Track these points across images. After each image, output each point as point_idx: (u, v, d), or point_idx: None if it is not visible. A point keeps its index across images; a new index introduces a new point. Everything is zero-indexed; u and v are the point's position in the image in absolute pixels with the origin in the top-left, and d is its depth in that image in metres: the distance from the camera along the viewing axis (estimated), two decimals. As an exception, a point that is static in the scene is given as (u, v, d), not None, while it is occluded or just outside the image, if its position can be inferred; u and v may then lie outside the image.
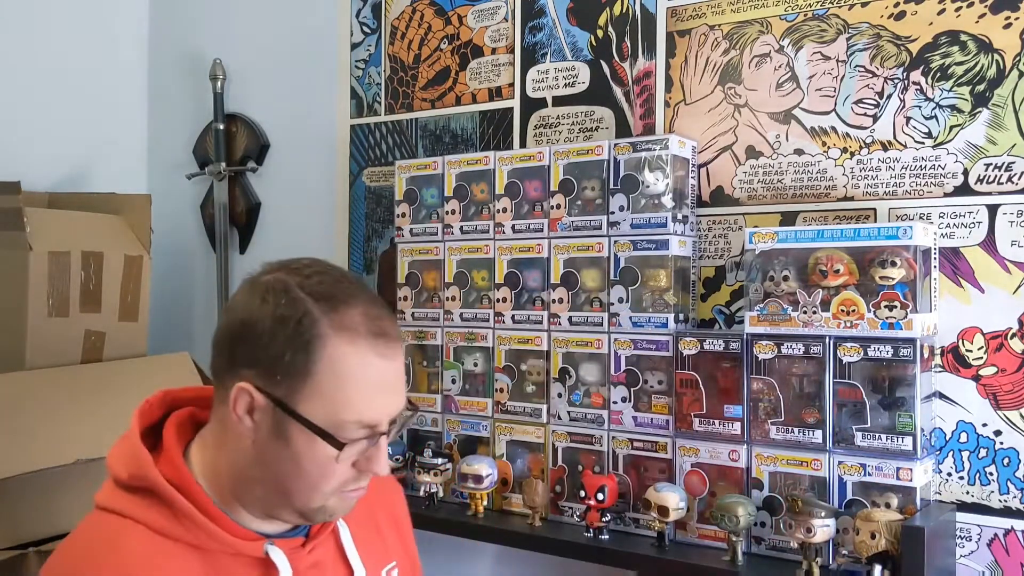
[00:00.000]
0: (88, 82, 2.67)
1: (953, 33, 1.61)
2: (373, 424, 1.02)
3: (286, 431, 1.01)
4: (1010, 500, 1.55)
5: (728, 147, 1.82)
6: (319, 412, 1.00)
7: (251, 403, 1.02)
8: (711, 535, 1.64)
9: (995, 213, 1.58)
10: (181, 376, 2.22)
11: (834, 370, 1.54)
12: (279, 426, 1.01)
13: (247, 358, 1.02)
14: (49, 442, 1.87)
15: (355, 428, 1.01)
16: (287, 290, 1.02)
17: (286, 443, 1.01)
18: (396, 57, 2.30)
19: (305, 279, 1.03)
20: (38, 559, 1.82)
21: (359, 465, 1.03)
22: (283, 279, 1.03)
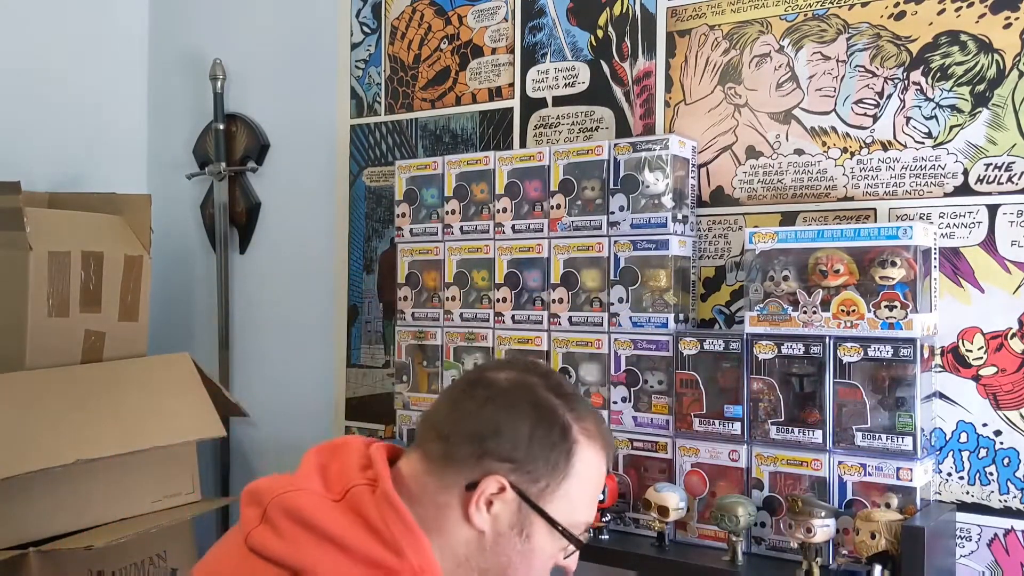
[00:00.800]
0: (88, 82, 2.67)
1: (953, 33, 1.61)
2: (589, 528, 1.13)
3: (530, 527, 1.05)
4: (1010, 500, 1.55)
5: (728, 147, 1.82)
6: (563, 512, 1.07)
7: (495, 497, 1.04)
8: (711, 535, 1.64)
9: (995, 213, 1.58)
10: (181, 376, 2.22)
11: (834, 370, 1.54)
12: (523, 526, 1.05)
13: (500, 454, 1.04)
14: (49, 442, 1.87)
15: (583, 528, 1.10)
16: (535, 391, 1.09)
17: (527, 539, 1.05)
18: (396, 57, 2.30)
19: (545, 380, 1.11)
20: (38, 559, 1.82)
21: (558, 563, 1.11)
22: (528, 380, 1.10)
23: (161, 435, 2.07)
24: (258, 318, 2.57)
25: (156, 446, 2.04)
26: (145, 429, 2.04)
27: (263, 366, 2.54)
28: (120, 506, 2.02)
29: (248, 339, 2.59)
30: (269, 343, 2.53)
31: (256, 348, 2.57)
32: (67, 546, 1.85)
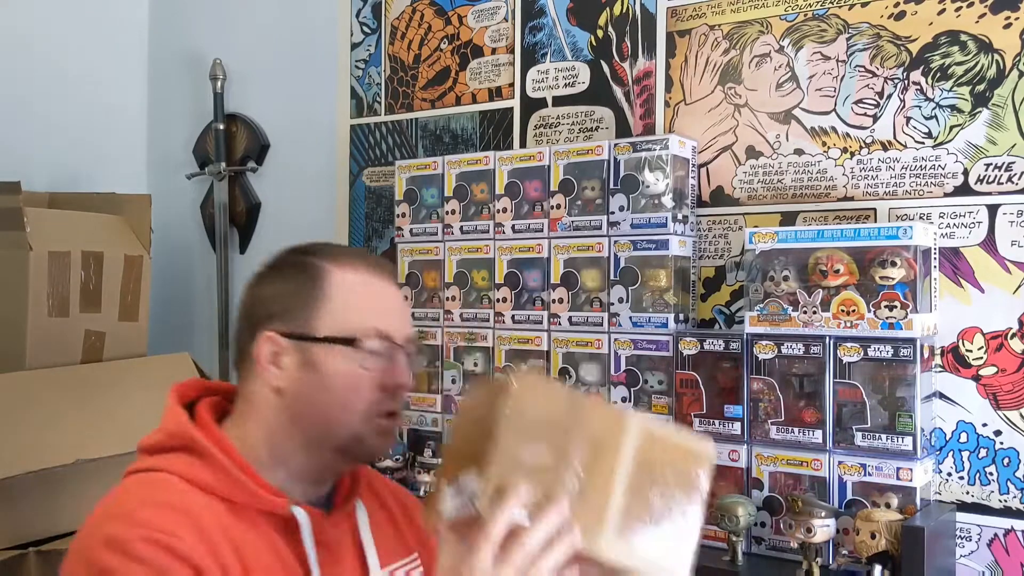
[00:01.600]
0: (88, 82, 2.67)
1: (953, 33, 1.61)
2: (386, 334, 1.09)
3: (312, 359, 1.08)
4: (1010, 500, 1.55)
5: (728, 147, 1.82)
6: (337, 327, 1.08)
7: (276, 351, 1.08)
8: (711, 535, 1.64)
9: (995, 213, 1.58)
10: (181, 376, 2.21)
11: (834, 370, 1.54)
12: (305, 359, 1.08)
13: (264, 316, 1.10)
14: (49, 442, 1.87)
15: (370, 336, 1.08)
16: (290, 254, 1.14)
17: (315, 370, 1.07)
18: (396, 57, 2.30)
19: (307, 248, 1.15)
20: (38, 559, 1.82)
21: (385, 382, 1.08)
22: (291, 255, 1.15)
23: (161, 435, 2.06)
24: (258, 318, 2.57)
25: (156, 446, 2.04)
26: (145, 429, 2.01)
27: (263, 366, 2.54)
28: (120, 506, 2.02)
29: (248, 339, 2.59)
30: (269, 343, 2.53)
31: (256, 348, 2.57)
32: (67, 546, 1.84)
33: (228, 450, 1.07)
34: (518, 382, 0.87)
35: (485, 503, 0.85)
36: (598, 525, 0.88)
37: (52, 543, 1.86)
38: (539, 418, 0.89)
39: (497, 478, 0.85)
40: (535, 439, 0.88)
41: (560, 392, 0.92)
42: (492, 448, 0.85)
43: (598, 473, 0.90)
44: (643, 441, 0.94)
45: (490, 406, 0.87)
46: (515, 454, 0.86)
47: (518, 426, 0.86)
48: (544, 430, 0.89)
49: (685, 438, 1.00)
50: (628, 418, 0.94)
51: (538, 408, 0.88)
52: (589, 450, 0.90)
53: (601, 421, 0.92)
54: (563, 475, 0.88)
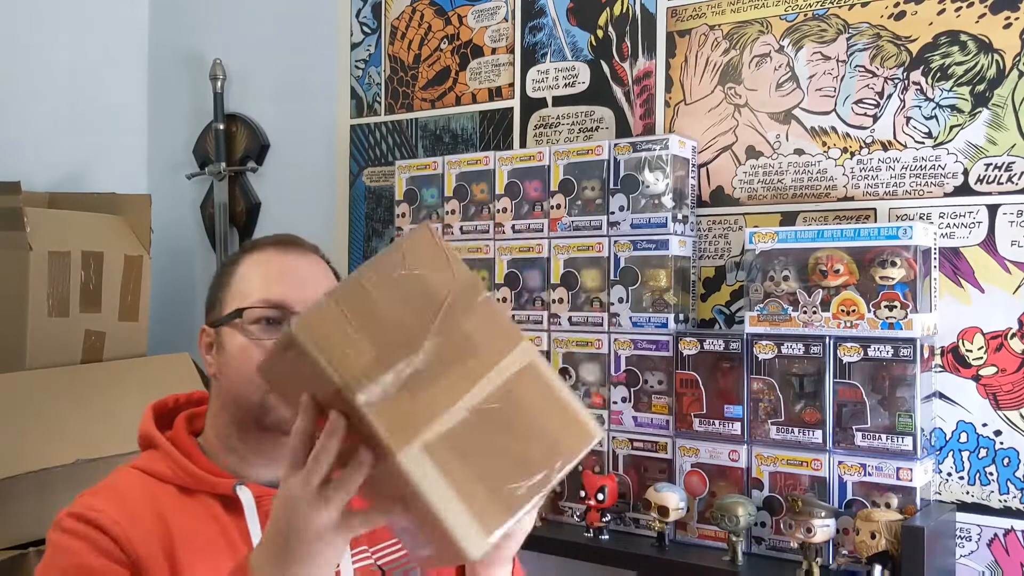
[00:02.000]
0: (88, 82, 2.67)
1: (953, 33, 1.61)
2: (275, 302, 1.13)
3: (221, 340, 1.15)
4: (1010, 500, 1.55)
5: (728, 147, 1.82)
6: (232, 305, 1.15)
7: (208, 341, 1.18)
8: (711, 535, 1.64)
9: (995, 213, 1.58)
10: (181, 376, 2.22)
11: (834, 370, 1.54)
12: (218, 342, 1.16)
13: (205, 312, 1.21)
14: (49, 442, 1.87)
15: (257, 305, 1.13)
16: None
17: (223, 350, 1.15)
18: (396, 57, 2.30)
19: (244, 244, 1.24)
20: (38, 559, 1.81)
21: None
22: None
23: (161, 435, 2.07)
24: (258, 318, 2.57)
25: (156, 446, 2.04)
26: (145, 429, 2.04)
27: (263, 366, 2.54)
28: (120, 506, 2.02)
29: (248, 339, 2.59)
30: (269, 343, 2.53)
31: (256, 348, 2.57)
32: (67, 546, 1.84)
33: (180, 443, 1.16)
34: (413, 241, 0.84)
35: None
36: (412, 428, 0.78)
37: (52, 543, 1.86)
38: (418, 289, 0.83)
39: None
40: (405, 305, 0.82)
41: (450, 269, 0.85)
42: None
43: (452, 375, 0.81)
44: (524, 375, 0.84)
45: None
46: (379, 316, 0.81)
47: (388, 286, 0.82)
48: (420, 300, 0.82)
49: (573, 400, 0.87)
50: (521, 340, 0.85)
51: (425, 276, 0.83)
52: (458, 345, 0.82)
53: (490, 322, 0.84)
54: (410, 354, 0.80)
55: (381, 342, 0.80)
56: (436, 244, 0.87)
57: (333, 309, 0.80)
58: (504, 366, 0.83)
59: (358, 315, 0.81)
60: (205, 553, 1.07)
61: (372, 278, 0.83)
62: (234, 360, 1.13)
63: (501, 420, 0.81)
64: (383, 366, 0.79)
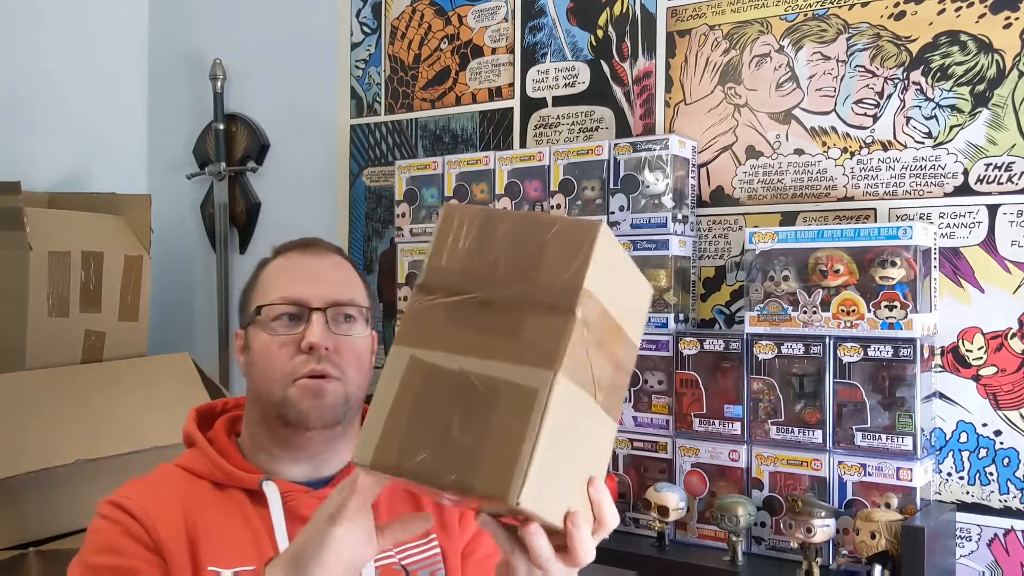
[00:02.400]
0: (88, 82, 2.67)
1: (953, 33, 1.61)
2: (294, 299, 1.17)
3: (248, 340, 1.21)
4: (1010, 500, 1.55)
5: (728, 147, 1.82)
6: (256, 306, 1.20)
7: (240, 344, 1.23)
8: (711, 535, 1.64)
9: (995, 213, 1.58)
10: (181, 376, 2.22)
11: (834, 370, 1.54)
12: (246, 342, 1.22)
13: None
14: (49, 442, 1.87)
15: (276, 303, 1.17)
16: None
17: (249, 349, 1.20)
18: (396, 57, 2.30)
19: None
20: (38, 559, 1.82)
21: (299, 343, 1.15)
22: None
23: (161, 435, 2.06)
24: (258, 318, 2.57)
25: (156, 446, 2.04)
26: (145, 429, 2.04)
27: (263, 366, 2.54)
28: (120, 506, 2.02)
29: (248, 339, 2.59)
30: (269, 343, 2.53)
31: (256, 348, 2.57)
32: (67, 546, 1.84)
33: (217, 442, 1.22)
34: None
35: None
36: (428, 340, 0.80)
37: (52, 543, 1.86)
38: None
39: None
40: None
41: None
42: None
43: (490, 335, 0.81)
44: (519, 393, 0.77)
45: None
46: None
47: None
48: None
49: (527, 457, 0.75)
50: (556, 370, 0.78)
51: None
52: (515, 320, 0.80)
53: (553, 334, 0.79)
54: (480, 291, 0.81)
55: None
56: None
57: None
58: (523, 371, 0.78)
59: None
60: (229, 544, 1.12)
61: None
62: (257, 357, 1.18)
63: (468, 399, 0.78)
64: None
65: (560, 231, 0.80)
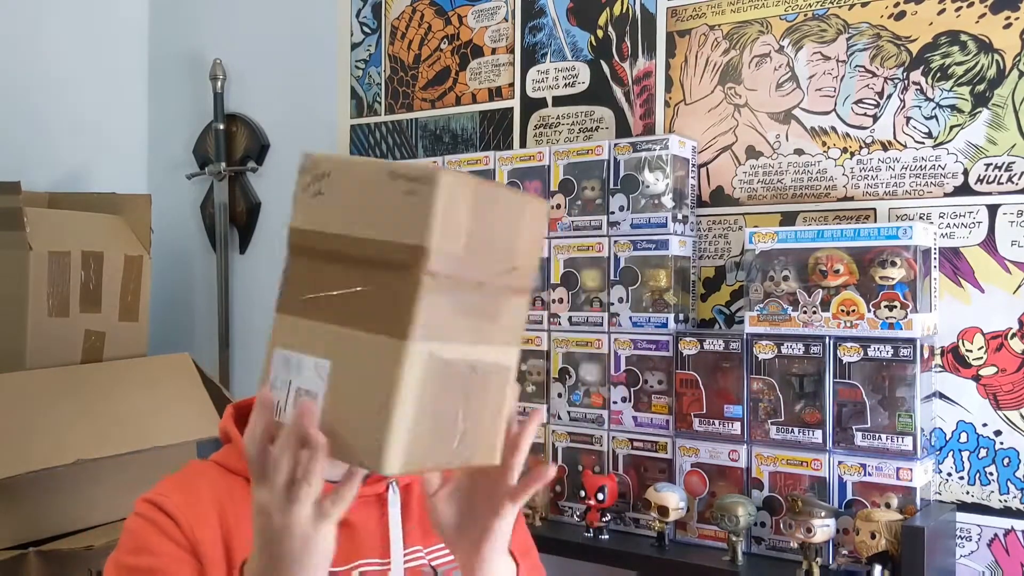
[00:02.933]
0: (88, 82, 2.67)
1: (953, 33, 1.61)
2: None
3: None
4: (1010, 500, 1.55)
5: (728, 147, 1.82)
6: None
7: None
8: (711, 535, 1.64)
9: (995, 213, 1.58)
10: (181, 376, 2.22)
11: (834, 370, 1.54)
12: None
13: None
14: (49, 442, 1.87)
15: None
16: None
17: None
18: (396, 57, 2.30)
19: None
20: (38, 559, 1.82)
21: None
22: None
23: (161, 435, 2.07)
24: (258, 318, 2.57)
25: (156, 446, 2.04)
26: (145, 429, 2.04)
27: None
28: (120, 506, 2.02)
29: (248, 339, 2.59)
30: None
31: (256, 348, 2.57)
32: (67, 546, 1.85)
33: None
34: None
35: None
36: (435, 333, 0.80)
37: (52, 543, 1.86)
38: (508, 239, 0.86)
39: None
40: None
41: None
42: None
43: (479, 323, 0.84)
44: (502, 373, 0.88)
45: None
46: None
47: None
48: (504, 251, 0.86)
49: (500, 423, 0.92)
50: (518, 345, 0.90)
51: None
52: (499, 307, 0.85)
53: (519, 314, 0.89)
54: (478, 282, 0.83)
55: (476, 247, 0.81)
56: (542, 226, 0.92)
57: (469, 186, 0.81)
58: (505, 352, 0.87)
59: (479, 211, 0.81)
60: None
61: (509, 197, 0.86)
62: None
63: (466, 387, 0.84)
64: (458, 272, 0.80)
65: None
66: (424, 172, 0.77)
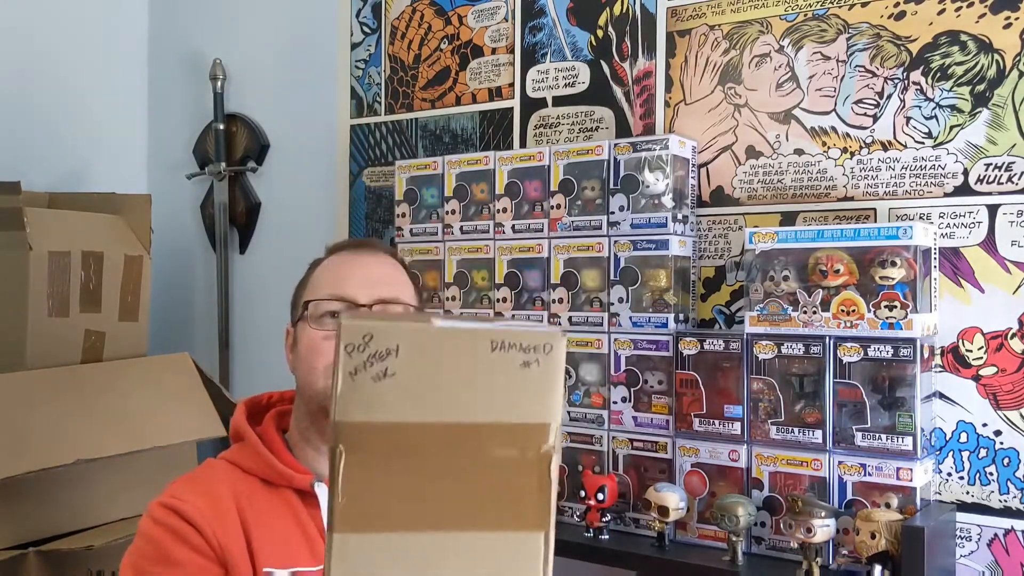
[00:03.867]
0: (88, 82, 2.67)
1: (953, 33, 1.61)
2: (345, 296, 1.20)
3: (295, 336, 1.25)
4: (1010, 500, 1.55)
5: (728, 147, 1.82)
6: (304, 302, 1.24)
7: (290, 342, 1.26)
8: (711, 535, 1.64)
9: (995, 213, 1.58)
10: (181, 376, 2.22)
11: (834, 370, 1.54)
12: (294, 339, 1.25)
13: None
14: (49, 442, 1.87)
15: (323, 299, 1.21)
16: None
17: (297, 345, 1.23)
18: (396, 57, 2.30)
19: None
20: (38, 559, 1.82)
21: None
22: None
23: (161, 435, 2.07)
24: (258, 318, 2.57)
25: (156, 446, 2.04)
26: (145, 429, 2.04)
27: (263, 366, 2.54)
28: (120, 506, 2.02)
29: (248, 339, 2.59)
30: (269, 343, 2.53)
31: (256, 348, 2.57)
32: (67, 546, 1.84)
33: (267, 438, 1.22)
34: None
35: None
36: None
37: (52, 543, 1.86)
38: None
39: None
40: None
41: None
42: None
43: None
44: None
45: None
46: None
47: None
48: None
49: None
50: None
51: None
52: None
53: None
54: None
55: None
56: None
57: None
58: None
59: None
60: (282, 544, 1.13)
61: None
62: (302, 350, 1.21)
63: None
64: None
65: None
66: (540, 338, 0.66)
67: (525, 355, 0.66)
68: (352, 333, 0.65)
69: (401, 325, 0.68)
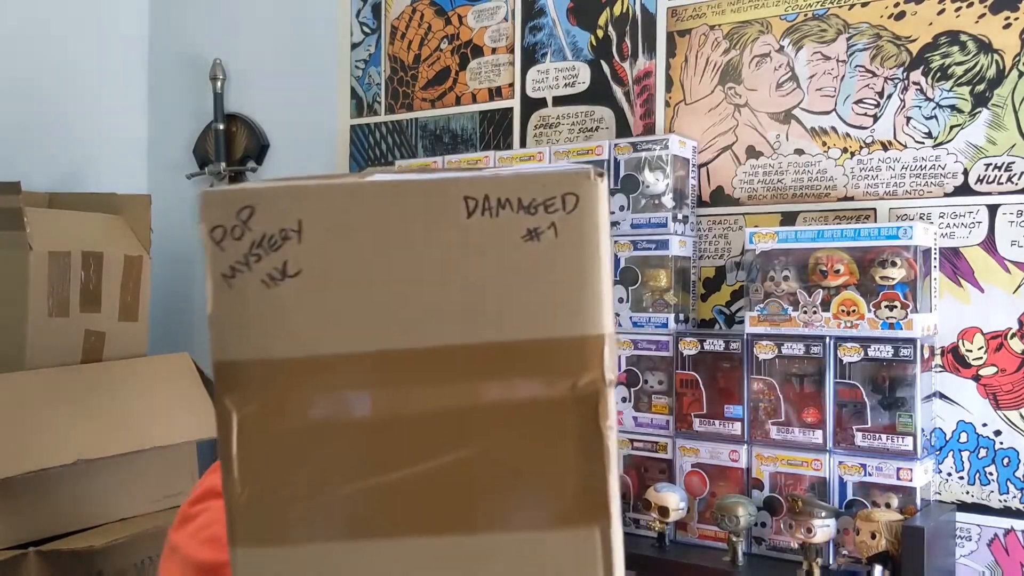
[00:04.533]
0: (88, 82, 2.67)
1: (953, 33, 1.61)
2: None
3: None
4: (1010, 500, 1.55)
5: (728, 147, 1.82)
6: None
7: None
8: (711, 535, 1.64)
9: (995, 213, 1.58)
10: (181, 376, 2.22)
11: (834, 370, 1.54)
12: None
13: None
14: (49, 442, 1.87)
15: None
16: None
17: None
18: (396, 57, 2.30)
19: None
20: (38, 559, 1.82)
21: None
22: None
23: (161, 435, 2.07)
24: (258, 318, 2.57)
25: (156, 446, 2.04)
26: (145, 429, 2.04)
27: (263, 366, 2.54)
28: (120, 506, 2.02)
29: (248, 339, 2.59)
30: (269, 343, 2.53)
31: (256, 348, 2.57)
32: (67, 546, 1.84)
33: None
34: None
35: None
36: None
37: (52, 543, 1.86)
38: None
39: None
40: None
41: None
42: None
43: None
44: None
45: None
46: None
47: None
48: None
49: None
50: None
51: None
52: None
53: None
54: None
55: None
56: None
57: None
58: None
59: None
60: None
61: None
62: None
63: None
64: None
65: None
66: (553, 186, 0.40)
67: (529, 218, 0.42)
68: (221, 208, 0.39)
69: (303, 186, 0.40)
